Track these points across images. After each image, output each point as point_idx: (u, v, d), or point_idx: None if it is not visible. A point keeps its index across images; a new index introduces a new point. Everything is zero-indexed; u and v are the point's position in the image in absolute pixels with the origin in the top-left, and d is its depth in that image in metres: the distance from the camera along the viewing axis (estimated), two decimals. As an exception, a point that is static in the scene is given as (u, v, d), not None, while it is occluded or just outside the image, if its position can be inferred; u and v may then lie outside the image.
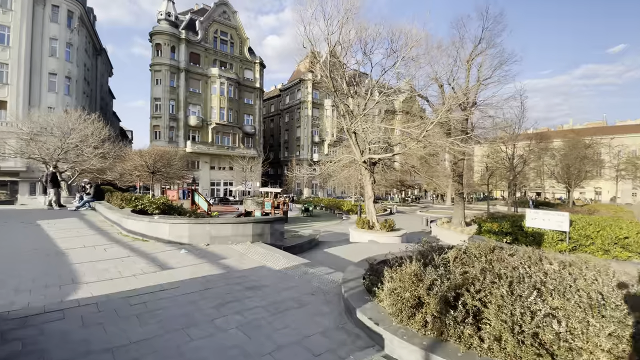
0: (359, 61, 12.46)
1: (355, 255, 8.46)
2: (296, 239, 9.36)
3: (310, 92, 57.05)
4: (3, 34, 31.03)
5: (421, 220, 19.97)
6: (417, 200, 59.68)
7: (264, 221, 7.60)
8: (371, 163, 13.40)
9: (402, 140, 12.10)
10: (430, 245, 5.69)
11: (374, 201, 13.78)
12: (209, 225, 7.19)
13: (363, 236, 13.05)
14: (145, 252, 6.53)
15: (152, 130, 43.54)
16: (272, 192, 21.87)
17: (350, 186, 32.30)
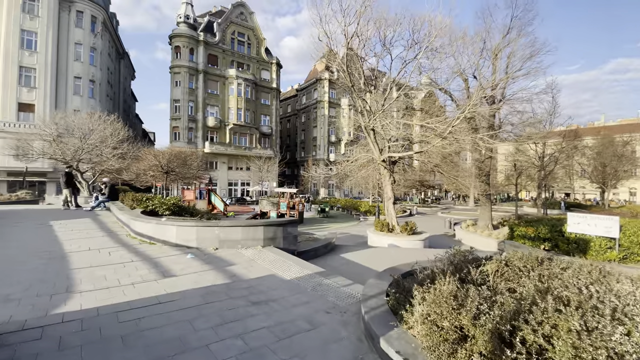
0: (378, 54, 11.74)
1: (375, 261, 7.78)
2: (311, 242, 8.77)
3: (326, 92, 56.47)
4: (31, 39, 32.26)
5: (444, 222, 18.93)
6: (437, 201, 57.79)
7: (276, 224, 7.06)
8: (391, 162, 12.64)
9: (424, 137, 11.26)
10: (463, 255, 4.95)
11: (393, 202, 12.99)
12: (217, 229, 6.73)
13: (382, 240, 12.31)
14: (149, 256, 6.13)
15: (172, 132, 44.29)
16: (287, 192, 21.43)
17: (367, 186, 31.45)
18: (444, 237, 17.18)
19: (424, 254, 8.70)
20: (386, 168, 12.40)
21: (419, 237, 12.47)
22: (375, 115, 11.45)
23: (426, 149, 10.61)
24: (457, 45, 13.83)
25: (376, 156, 12.63)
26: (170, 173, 12.48)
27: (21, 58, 31.87)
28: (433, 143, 10.21)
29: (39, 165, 30.13)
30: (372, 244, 12.77)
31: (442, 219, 25.95)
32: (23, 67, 32.10)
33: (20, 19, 31.59)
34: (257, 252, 6.50)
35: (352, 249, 9.32)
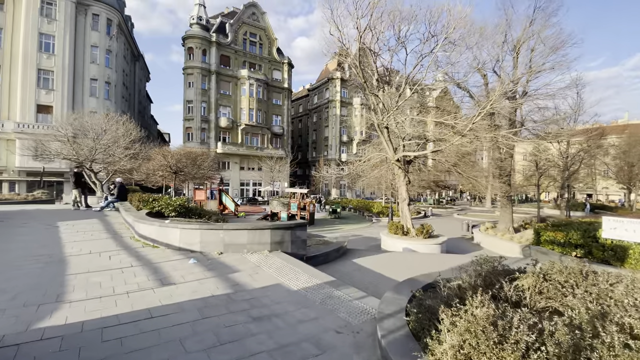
0: (392, 48, 11.17)
1: (390, 268, 7.25)
2: (321, 246, 8.31)
3: (338, 91, 55.97)
4: (48, 42, 33.05)
5: (461, 224, 18.14)
6: (452, 202, 56.34)
7: (284, 227, 6.64)
8: (405, 161, 12.04)
9: (442, 135, 10.63)
10: (492, 265, 4.38)
11: (408, 204, 12.38)
12: (222, 232, 6.36)
13: (396, 243, 11.73)
14: (150, 261, 5.81)
15: (185, 132, 44.72)
16: (298, 193, 21.04)
17: (380, 187, 30.76)
18: (462, 240, 16.42)
19: (442, 261, 8.11)
20: (400, 168, 11.81)
21: (435, 240, 11.82)
22: (389, 113, 10.90)
23: (444, 147, 9.98)
24: (476, 38, 13.11)
25: (390, 155, 12.06)
26: (179, 173, 12.28)
27: (39, 61, 32.69)
28: (452, 141, 9.57)
29: (56, 166, 30.76)
30: (386, 247, 12.21)
31: (458, 221, 25.03)
32: (41, 69, 32.92)
33: (38, 22, 32.41)
34: (264, 258, 6.09)
35: (365, 253, 8.80)
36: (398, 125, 10.92)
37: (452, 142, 9.59)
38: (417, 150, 11.78)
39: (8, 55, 31.89)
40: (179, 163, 12.10)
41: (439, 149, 10.24)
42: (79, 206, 12.30)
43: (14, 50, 31.95)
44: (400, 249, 11.58)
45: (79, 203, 12.42)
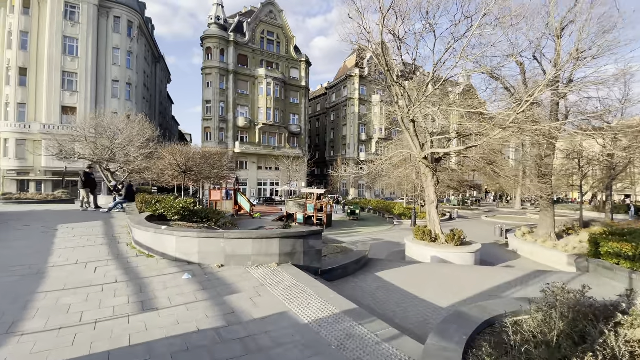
0: (419, 32, 9.93)
1: (421, 285, 6.10)
2: (339, 256, 7.25)
3: (357, 88, 54.59)
4: (72, 45, 33.84)
5: (493, 229, 16.52)
6: (477, 202, 53.61)
7: (295, 236, 5.65)
8: (434, 159, 10.77)
9: (479, 128, 9.28)
10: (576, 300, 3.16)
11: (436, 206, 11.09)
12: (223, 241, 5.45)
13: (424, 251, 10.48)
14: (139, 275, 4.98)
15: (204, 132, 44.90)
16: (315, 193, 20.06)
17: (401, 187, 29.27)
18: (495, 247, 14.86)
19: (482, 276, 6.83)
20: (428, 166, 10.55)
21: (468, 248, 10.47)
22: (415, 105, 9.68)
23: (481, 142, 8.63)
24: (514, 20, 11.60)
25: (416, 152, 10.82)
26: (188, 173, 11.62)
27: (64, 63, 33.53)
28: (491, 135, 8.24)
29: (80, 166, 31.34)
30: (412, 255, 10.98)
31: (488, 224, 23.24)
32: (66, 72, 33.77)
33: (62, 26, 33.21)
34: (270, 273, 5.12)
35: (389, 264, 7.66)
36: (427, 118, 9.68)
37: (491, 136, 8.25)
38: (447, 146, 10.47)
39: (34, 58, 32.89)
40: (188, 162, 11.43)
41: (474, 144, 8.92)
42: (87, 207, 11.90)
43: (40, 54, 32.90)
44: (428, 257, 10.33)
45: (88, 204, 12.03)
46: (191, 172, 11.82)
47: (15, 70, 32.43)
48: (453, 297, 5.60)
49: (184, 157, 11.42)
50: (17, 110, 32.84)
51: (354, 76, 54.55)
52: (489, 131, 8.53)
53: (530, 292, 6.11)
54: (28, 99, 32.99)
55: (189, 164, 11.58)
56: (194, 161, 12.64)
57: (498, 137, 8.48)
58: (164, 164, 11.78)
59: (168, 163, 11.63)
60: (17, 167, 32.87)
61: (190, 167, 11.68)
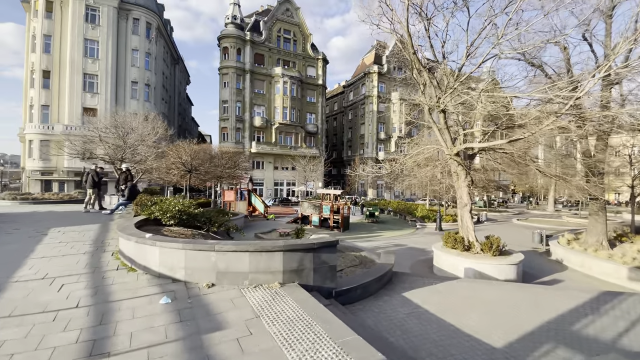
0: (450, 7, 8.57)
1: (463, 314, 4.81)
2: (357, 271, 6.06)
3: (375, 86, 52.98)
4: (93, 47, 34.36)
5: (531, 234, 14.72)
6: (504, 204, 50.61)
7: (303, 249, 4.52)
8: (467, 156, 9.35)
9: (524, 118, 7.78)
10: None
11: (470, 210, 9.66)
12: (214, 254, 4.40)
13: (455, 262, 9.10)
14: (107, 297, 4.01)
15: (220, 132, 44.80)
16: (331, 194, 18.89)
17: (423, 188, 27.57)
18: (535, 255, 13.15)
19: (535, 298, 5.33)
20: (460, 164, 9.14)
21: (508, 259, 8.99)
22: (446, 92, 8.33)
23: (531, 133, 7.12)
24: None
25: (446, 148, 9.44)
26: (194, 172, 10.79)
27: (85, 66, 34.09)
28: (544, 125, 6.77)
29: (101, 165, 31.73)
30: (441, 266, 9.61)
31: (521, 228, 21.25)
32: (87, 74, 34.32)
33: (83, 29, 33.76)
34: (270, 297, 4.01)
35: (418, 281, 6.37)
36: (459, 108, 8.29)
37: (544, 126, 6.76)
38: (484, 140, 9.01)
39: (57, 61, 33.61)
40: (194, 160, 10.60)
41: (520, 136, 7.43)
42: (90, 208, 11.33)
43: (62, 56, 33.59)
44: (461, 269, 8.94)
45: (92, 205, 11.47)
46: (197, 172, 10.99)
47: (39, 73, 33.25)
48: (507, 332, 4.29)
49: (189, 155, 10.57)
50: (41, 112, 33.65)
51: (373, 73, 52.99)
52: (543, 119, 7.04)
53: (607, 325, 4.69)
54: (51, 101, 33.75)
55: (194, 163, 10.72)
56: (200, 159, 11.77)
57: (549, 128, 7.00)
58: (168, 162, 11.01)
59: (172, 162, 10.85)
60: (41, 167, 33.67)
61: (196, 166, 10.84)
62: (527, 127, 7.80)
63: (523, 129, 8.28)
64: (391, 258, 6.69)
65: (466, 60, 8.79)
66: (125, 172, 12.04)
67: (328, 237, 4.88)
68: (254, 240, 10.79)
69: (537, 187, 44.31)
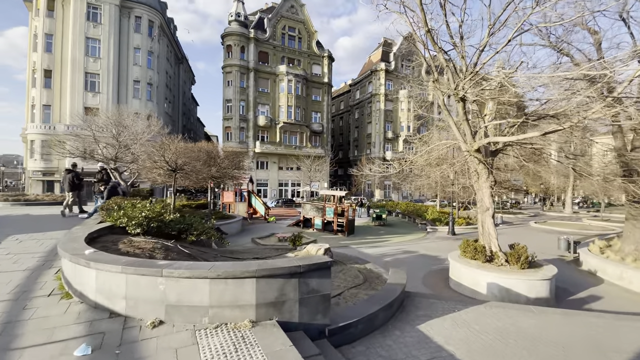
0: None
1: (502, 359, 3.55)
2: (359, 298, 4.84)
3: (382, 84, 51.56)
4: (94, 46, 33.81)
5: (557, 240, 13.23)
6: (517, 205, 48.60)
7: (285, 274, 3.33)
8: (489, 152, 8.05)
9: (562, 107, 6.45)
10: None
11: (492, 215, 8.34)
12: (163, 280, 3.24)
13: (477, 275, 7.80)
14: (9, 343, 2.88)
15: (224, 132, 44.00)
16: (335, 195, 17.67)
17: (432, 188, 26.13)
18: (562, 264, 11.70)
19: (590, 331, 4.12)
20: (482, 162, 7.85)
21: (539, 273, 7.64)
22: (467, 77, 7.06)
23: (572, 124, 5.80)
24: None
25: (463, 144, 8.14)
26: (179, 171, 9.75)
27: (86, 65, 33.55)
28: (593, 110, 5.44)
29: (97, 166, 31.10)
30: (459, 280, 8.31)
31: (541, 232, 19.68)
32: (88, 73, 33.78)
33: (85, 27, 33.22)
34: (233, 348, 2.83)
35: (436, 307, 5.10)
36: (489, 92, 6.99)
37: (589, 113, 5.45)
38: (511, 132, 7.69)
39: (59, 60, 33.15)
40: (178, 159, 9.56)
41: (557, 128, 6.10)
42: (68, 212, 10.37)
43: (64, 56, 33.10)
44: (483, 285, 7.64)
45: (70, 208, 10.52)
46: (182, 171, 9.94)
47: (41, 72, 32.83)
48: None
49: (173, 152, 9.52)
50: (43, 112, 33.23)
51: (380, 71, 51.60)
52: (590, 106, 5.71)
53: None
54: (53, 101, 33.30)
55: (179, 162, 9.67)
56: (188, 158, 10.70)
57: (596, 117, 5.69)
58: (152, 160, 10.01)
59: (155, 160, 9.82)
60: (43, 168, 33.24)
61: (181, 166, 9.79)
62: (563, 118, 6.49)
63: (557, 120, 6.95)
64: (402, 276, 5.45)
65: (488, 39, 7.49)
66: (102, 171, 11.06)
67: (320, 257, 3.67)
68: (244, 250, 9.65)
69: (552, 188, 42.36)
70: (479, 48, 7.43)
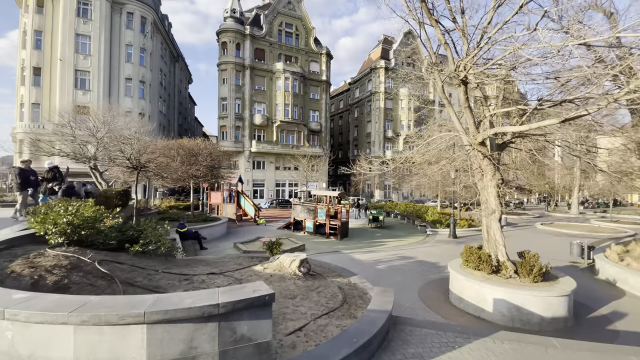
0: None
1: None
2: (329, 331, 3.72)
3: (382, 82, 50.40)
4: (85, 43, 32.83)
5: (570, 245, 12.01)
6: (520, 205, 47.30)
7: (197, 317, 2.20)
8: (496, 146, 6.89)
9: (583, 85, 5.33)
10: None
11: (499, 219, 7.18)
12: (8, 325, 2.12)
13: (482, 289, 6.64)
14: None
15: (220, 131, 42.99)
16: (327, 195, 16.52)
17: (433, 188, 24.96)
18: (576, 272, 10.50)
19: None
20: (487, 157, 6.71)
21: (556, 288, 6.48)
22: (470, 55, 5.92)
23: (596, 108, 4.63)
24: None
25: (465, 136, 7.00)
26: (144, 169, 8.66)
27: (76, 62, 32.56)
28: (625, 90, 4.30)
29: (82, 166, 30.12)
30: (461, 293, 7.15)
31: (548, 235, 18.47)
32: (78, 70, 32.79)
33: (75, 23, 32.27)
34: None
35: (433, 339, 3.97)
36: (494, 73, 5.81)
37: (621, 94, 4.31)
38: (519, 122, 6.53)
39: (48, 57, 32.18)
40: (142, 156, 8.47)
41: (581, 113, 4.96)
42: (18, 215, 9.30)
43: (53, 53, 32.13)
44: (489, 300, 6.48)
45: (21, 210, 9.45)
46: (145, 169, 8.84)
47: (30, 70, 31.89)
48: None
49: (134, 148, 8.43)
50: (32, 111, 32.29)
51: (379, 68, 50.44)
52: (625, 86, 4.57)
53: None
54: (42, 99, 32.34)
55: (141, 160, 8.57)
56: (148, 154, 9.57)
57: (630, 97, 4.57)
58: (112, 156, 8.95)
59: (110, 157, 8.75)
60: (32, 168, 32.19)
61: (145, 163, 8.70)
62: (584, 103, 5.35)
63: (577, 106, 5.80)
64: (388, 298, 4.31)
65: (494, 13, 6.35)
66: (52, 170, 9.99)
67: (253, 290, 2.53)
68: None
69: (556, 188, 41.07)
70: (485, 22, 6.26)
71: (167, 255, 5.78)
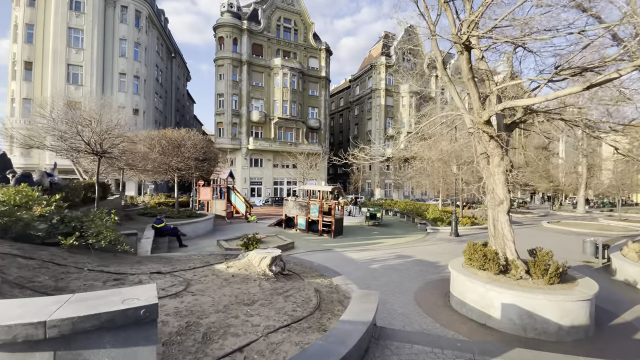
0: None
1: None
2: (282, 351, 2.81)
3: (383, 78, 49.39)
4: (77, 37, 32.06)
5: (582, 244, 11.02)
6: (524, 204, 46.15)
7: (11, 346, 1.28)
8: (505, 126, 5.94)
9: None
10: None
11: (508, 212, 6.23)
12: None
13: (488, 292, 5.68)
14: None
15: (216, 128, 42.12)
16: (320, 191, 15.57)
17: (434, 186, 23.96)
18: (591, 272, 9.51)
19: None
20: (494, 138, 5.76)
21: (576, 292, 5.51)
22: (475, 14, 4.99)
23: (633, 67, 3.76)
24: None
25: (468, 115, 6.05)
26: (104, 155, 7.72)
27: (69, 56, 31.80)
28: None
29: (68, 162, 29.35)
30: (463, 297, 6.19)
31: (556, 234, 17.43)
32: (70, 65, 32.04)
33: (67, 17, 31.51)
34: None
35: (425, 358, 3.04)
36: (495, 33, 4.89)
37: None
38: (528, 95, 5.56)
39: (40, 51, 31.43)
40: (103, 141, 7.53)
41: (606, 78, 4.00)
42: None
43: (45, 47, 31.38)
44: (497, 306, 5.52)
45: None
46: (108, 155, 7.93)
47: (21, 64, 31.13)
48: None
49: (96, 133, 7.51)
50: (23, 106, 31.53)
51: (380, 65, 49.43)
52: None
53: None
54: (33, 94, 31.58)
55: (103, 144, 7.66)
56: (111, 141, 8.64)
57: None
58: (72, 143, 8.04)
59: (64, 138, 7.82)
60: (23, 165, 31.44)
61: (107, 149, 7.80)
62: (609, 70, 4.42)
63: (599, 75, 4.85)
64: (370, 305, 3.36)
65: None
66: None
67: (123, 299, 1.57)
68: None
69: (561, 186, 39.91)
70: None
71: (113, 250, 4.88)
